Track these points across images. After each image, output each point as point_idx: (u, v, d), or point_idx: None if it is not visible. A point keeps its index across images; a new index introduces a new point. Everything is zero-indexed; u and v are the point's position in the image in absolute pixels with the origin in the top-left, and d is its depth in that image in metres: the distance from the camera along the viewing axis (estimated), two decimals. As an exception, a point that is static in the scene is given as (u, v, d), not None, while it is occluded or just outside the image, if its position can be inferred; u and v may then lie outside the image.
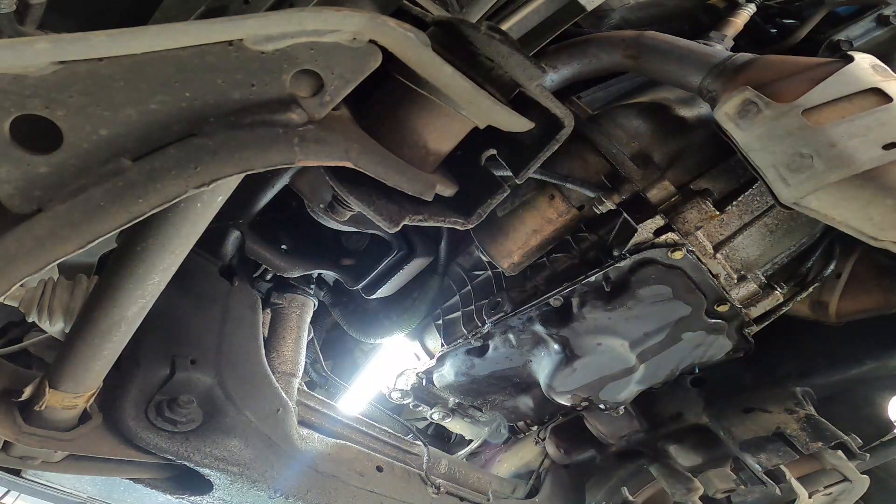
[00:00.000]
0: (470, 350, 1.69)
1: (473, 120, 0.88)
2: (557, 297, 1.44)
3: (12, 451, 1.02)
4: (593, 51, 1.30)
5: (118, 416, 1.12)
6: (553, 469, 2.09)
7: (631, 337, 1.40)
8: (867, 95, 0.98)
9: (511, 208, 1.46)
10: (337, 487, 1.39)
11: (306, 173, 1.22)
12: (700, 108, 1.37)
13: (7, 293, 0.62)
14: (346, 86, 0.69)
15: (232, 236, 1.46)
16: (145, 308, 0.89)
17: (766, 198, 1.27)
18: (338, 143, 0.72)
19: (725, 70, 1.15)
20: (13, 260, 0.58)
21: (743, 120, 1.08)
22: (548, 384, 1.56)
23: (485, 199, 1.04)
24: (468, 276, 1.77)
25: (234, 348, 1.37)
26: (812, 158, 1.00)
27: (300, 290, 1.70)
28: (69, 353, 0.93)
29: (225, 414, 1.25)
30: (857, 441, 1.47)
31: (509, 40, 0.79)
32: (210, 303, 1.40)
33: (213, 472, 1.21)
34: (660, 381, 1.53)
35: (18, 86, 0.54)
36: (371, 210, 0.90)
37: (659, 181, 1.31)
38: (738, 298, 1.30)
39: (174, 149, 0.62)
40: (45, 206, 0.57)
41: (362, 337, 1.91)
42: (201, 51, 0.60)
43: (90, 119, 0.58)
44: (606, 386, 1.52)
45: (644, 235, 1.29)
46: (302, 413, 1.51)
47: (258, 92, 0.64)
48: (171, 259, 0.83)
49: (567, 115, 0.92)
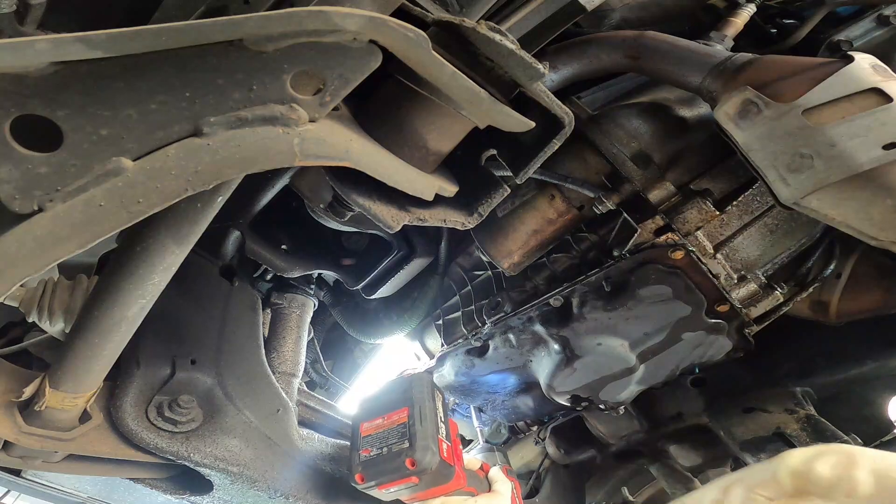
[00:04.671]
0: (470, 350, 1.69)
1: (473, 120, 0.88)
2: (557, 298, 1.44)
3: (12, 451, 1.02)
4: (593, 51, 1.30)
5: (118, 416, 1.12)
6: (553, 469, 2.09)
7: (631, 337, 1.40)
8: (867, 95, 0.98)
9: (511, 208, 1.46)
10: (337, 487, 1.39)
11: (306, 173, 1.22)
12: (700, 108, 1.37)
13: (7, 293, 0.62)
14: (346, 86, 0.68)
15: (232, 236, 1.46)
16: (145, 308, 0.89)
17: (766, 198, 1.27)
18: (338, 143, 0.72)
19: (725, 70, 1.15)
20: (13, 260, 0.58)
21: (743, 120, 1.08)
22: (548, 384, 1.56)
23: (485, 199, 1.04)
24: (468, 276, 1.77)
25: (234, 348, 1.37)
26: (812, 158, 1.00)
27: (300, 290, 1.71)
28: (69, 353, 0.93)
29: (225, 414, 1.25)
30: (857, 441, 1.47)
31: (509, 40, 0.79)
32: (210, 303, 1.40)
33: (213, 472, 1.21)
34: (660, 381, 1.53)
35: (18, 86, 0.54)
36: (371, 210, 0.90)
37: (659, 181, 1.31)
38: (738, 298, 1.30)
39: (174, 149, 0.62)
40: (45, 206, 0.57)
41: (362, 337, 1.92)
42: (201, 51, 0.60)
43: (90, 119, 0.58)
44: (606, 386, 1.52)
45: (644, 235, 1.29)
46: (302, 413, 1.51)
47: (258, 92, 0.64)
48: (171, 259, 0.83)
49: (567, 115, 0.92)
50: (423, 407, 1.13)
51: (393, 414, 1.15)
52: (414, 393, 1.16)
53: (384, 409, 1.18)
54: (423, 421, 1.10)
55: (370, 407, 1.22)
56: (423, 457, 1.04)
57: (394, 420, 1.14)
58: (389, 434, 1.12)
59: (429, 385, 1.19)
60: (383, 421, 1.15)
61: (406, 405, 1.14)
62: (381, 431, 1.14)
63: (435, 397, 1.18)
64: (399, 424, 1.12)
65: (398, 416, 1.13)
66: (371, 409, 1.21)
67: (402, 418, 1.12)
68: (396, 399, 1.17)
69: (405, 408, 1.14)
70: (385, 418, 1.15)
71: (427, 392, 1.17)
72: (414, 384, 1.18)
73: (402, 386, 1.20)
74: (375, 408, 1.20)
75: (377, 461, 1.10)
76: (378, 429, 1.15)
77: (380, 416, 1.17)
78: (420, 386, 1.18)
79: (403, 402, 1.15)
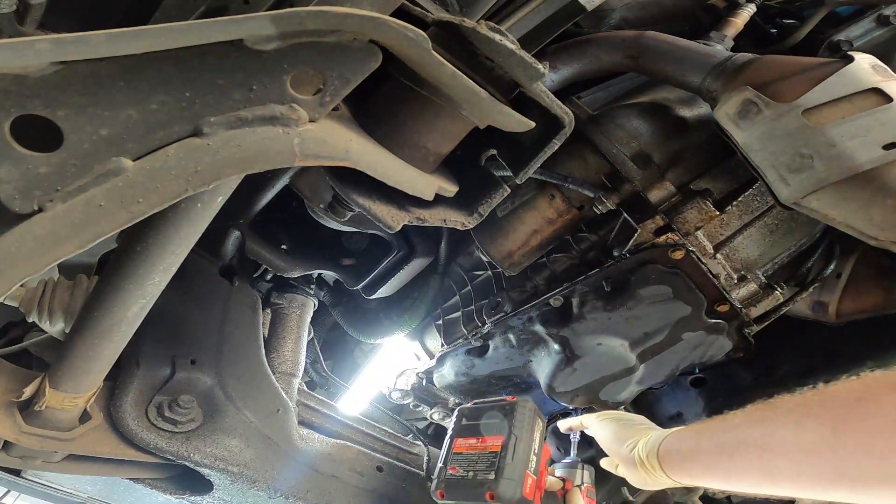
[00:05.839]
0: (470, 350, 1.69)
1: (473, 120, 0.88)
2: (557, 297, 1.44)
3: (12, 451, 1.02)
4: (593, 51, 1.30)
5: (118, 416, 1.12)
6: (553, 469, 2.08)
7: (631, 337, 1.40)
8: (867, 95, 0.98)
9: (511, 208, 1.46)
10: (337, 487, 1.40)
11: (306, 173, 1.22)
12: (700, 108, 1.37)
13: (7, 293, 0.62)
14: (346, 86, 0.69)
15: (232, 236, 1.46)
16: (145, 308, 0.89)
17: (766, 198, 1.27)
18: (338, 143, 0.72)
19: (725, 70, 1.15)
20: (13, 260, 0.58)
21: (743, 120, 1.08)
22: (548, 384, 1.56)
23: (485, 199, 1.04)
24: (468, 276, 1.77)
25: (234, 348, 1.37)
26: (812, 158, 1.00)
27: (300, 290, 1.71)
28: (69, 353, 0.93)
29: (225, 414, 1.26)
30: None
31: (509, 40, 0.79)
32: (210, 303, 1.40)
33: (213, 472, 1.21)
34: (660, 381, 1.52)
35: (19, 86, 0.54)
36: (371, 210, 0.90)
37: (659, 181, 1.31)
38: (738, 298, 1.30)
39: (174, 149, 0.62)
40: (45, 206, 0.57)
41: (362, 337, 1.92)
42: (201, 51, 0.60)
43: (90, 119, 0.58)
44: (606, 386, 1.52)
45: (644, 235, 1.29)
46: (302, 413, 1.51)
47: (258, 92, 0.64)
48: (171, 259, 0.83)
49: (567, 115, 0.92)
50: (518, 439, 1.13)
51: (488, 439, 1.16)
52: (515, 422, 1.16)
53: (482, 430, 1.19)
54: (514, 455, 1.11)
55: (469, 425, 1.23)
56: (505, 493, 1.05)
57: (487, 446, 1.15)
58: (479, 459, 1.13)
59: (531, 414, 1.20)
60: (477, 443, 1.17)
61: (503, 434, 1.15)
62: (472, 453, 1.15)
63: (535, 427, 1.19)
64: (490, 452, 1.13)
65: (492, 443, 1.15)
66: (469, 427, 1.22)
67: (496, 447, 1.13)
68: (496, 424, 1.18)
69: (501, 436, 1.14)
70: (479, 440, 1.17)
71: (528, 423, 1.17)
72: (517, 412, 1.19)
73: (505, 410, 1.20)
74: (474, 427, 1.21)
75: (461, 483, 1.11)
76: (470, 450, 1.16)
77: (476, 436, 1.18)
78: (522, 415, 1.18)
79: (501, 430, 1.16)
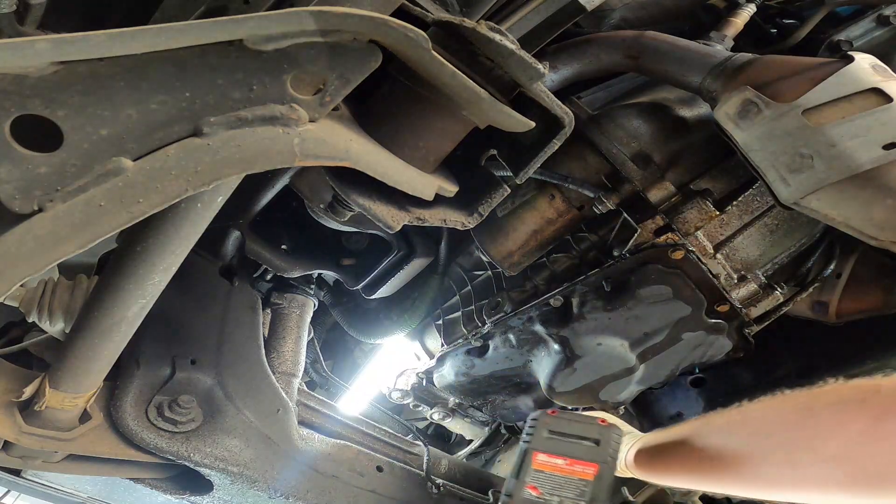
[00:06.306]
0: (470, 350, 1.69)
1: (473, 120, 0.88)
2: (557, 297, 1.44)
3: (12, 451, 1.02)
4: (593, 51, 1.30)
5: (118, 416, 1.12)
6: (553, 469, 2.08)
7: (631, 337, 1.40)
8: (867, 95, 0.98)
9: (511, 208, 1.46)
10: (337, 487, 1.39)
11: (306, 173, 1.22)
12: (700, 108, 1.37)
13: (7, 293, 0.62)
14: (346, 86, 0.69)
15: (232, 236, 1.46)
16: (145, 308, 0.89)
17: (766, 198, 1.27)
18: (338, 143, 0.72)
19: (725, 70, 1.15)
20: (13, 260, 0.58)
21: (743, 120, 1.08)
22: (548, 384, 1.56)
23: (485, 199, 1.04)
24: (468, 276, 1.77)
25: (234, 348, 1.37)
26: (812, 158, 1.00)
27: (300, 290, 1.70)
28: (69, 353, 0.93)
29: (225, 414, 1.26)
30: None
31: (509, 40, 0.79)
32: (210, 303, 1.40)
33: (213, 472, 1.21)
34: (660, 381, 1.52)
35: (19, 86, 0.54)
36: (371, 210, 0.90)
37: (659, 181, 1.31)
38: (738, 298, 1.30)
39: (174, 149, 0.62)
40: (45, 206, 0.57)
41: (362, 337, 1.91)
42: (201, 51, 0.60)
43: (90, 119, 0.58)
44: (606, 386, 1.52)
45: (644, 236, 1.29)
46: (302, 413, 1.51)
47: (258, 92, 0.64)
48: (171, 259, 0.83)
49: (567, 115, 0.92)
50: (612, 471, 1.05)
51: (579, 463, 1.06)
52: (609, 452, 1.07)
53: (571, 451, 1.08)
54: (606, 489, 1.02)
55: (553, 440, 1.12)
56: None
57: (577, 472, 1.05)
58: (568, 484, 1.03)
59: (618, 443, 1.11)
60: (565, 465, 1.06)
61: (598, 462, 1.05)
62: (559, 475, 1.05)
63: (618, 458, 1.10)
64: (582, 480, 1.03)
65: (584, 470, 1.05)
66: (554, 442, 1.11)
67: (588, 475, 1.04)
68: (587, 449, 1.09)
69: (595, 465, 1.05)
70: (569, 463, 1.07)
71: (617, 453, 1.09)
72: (612, 439, 1.09)
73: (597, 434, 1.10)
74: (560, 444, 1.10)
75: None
76: (556, 470, 1.06)
77: (563, 456, 1.08)
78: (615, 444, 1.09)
79: (595, 457, 1.06)
